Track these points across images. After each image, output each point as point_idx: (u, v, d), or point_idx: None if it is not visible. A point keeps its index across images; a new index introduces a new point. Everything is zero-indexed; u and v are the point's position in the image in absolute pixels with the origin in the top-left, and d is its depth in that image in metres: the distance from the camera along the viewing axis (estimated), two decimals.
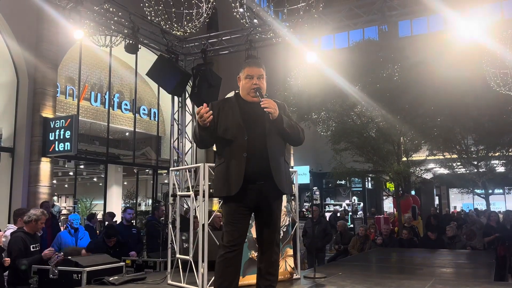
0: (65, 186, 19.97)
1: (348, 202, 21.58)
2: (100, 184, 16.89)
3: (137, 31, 8.16)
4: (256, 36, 8.84)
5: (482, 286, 4.41)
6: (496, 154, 14.02)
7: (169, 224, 4.85)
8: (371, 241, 9.03)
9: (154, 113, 14.08)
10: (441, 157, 14.82)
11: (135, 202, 16.39)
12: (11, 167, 9.25)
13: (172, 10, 7.14)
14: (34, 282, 4.71)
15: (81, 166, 15.80)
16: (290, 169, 3.46)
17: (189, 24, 7.25)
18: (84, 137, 13.52)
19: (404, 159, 12.66)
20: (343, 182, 20.03)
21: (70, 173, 17.20)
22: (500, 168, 14.78)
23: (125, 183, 17.53)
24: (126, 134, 14.43)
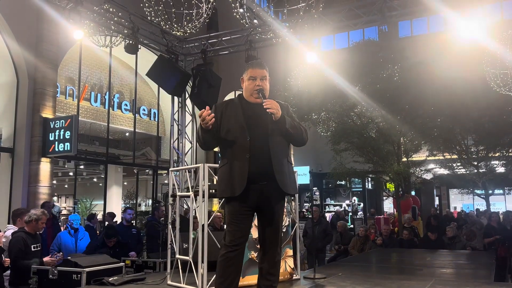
0: (65, 187, 19.95)
1: (348, 202, 21.57)
2: (100, 184, 16.89)
3: (137, 31, 8.16)
4: (256, 36, 8.84)
5: (482, 287, 4.40)
6: (496, 155, 14.03)
7: (168, 225, 4.85)
8: (371, 241, 9.02)
9: (154, 113, 14.08)
10: (441, 157, 14.82)
11: (135, 202, 16.38)
12: (11, 167, 9.24)
13: (172, 10, 7.14)
14: (34, 283, 4.71)
15: (81, 167, 15.81)
16: None
17: (189, 25, 7.25)
18: (84, 138, 13.52)
19: (404, 159, 12.66)
20: (343, 183, 20.03)
21: (70, 174, 17.20)
22: (500, 169, 14.78)
23: (125, 183, 17.53)
24: (126, 134, 14.43)
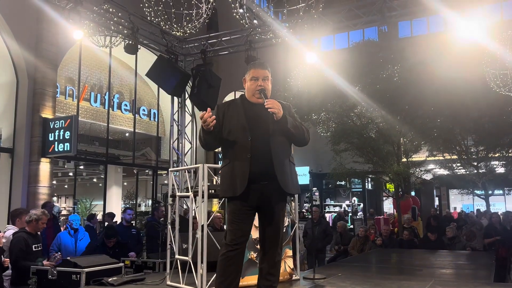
0: (64, 187, 19.94)
1: (348, 203, 21.56)
2: (100, 184, 16.87)
3: (137, 32, 8.15)
4: (256, 36, 8.83)
5: (482, 287, 4.40)
6: (496, 155, 14.04)
7: (168, 225, 4.84)
8: (371, 242, 9.01)
9: (154, 113, 14.07)
10: (441, 158, 14.83)
11: (135, 202, 16.37)
12: (11, 167, 9.23)
13: (171, 10, 7.14)
14: (33, 283, 4.70)
15: (81, 167, 15.80)
16: None
17: (188, 25, 7.24)
18: (84, 138, 13.52)
19: (404, 160, 12.66)
20: (343, 183, 20.04)
21: (70, 174, 17.20)
22: (500, 169, 14.78)
23: (125, 183, 17.53)
24: (126, 134, 14.42)
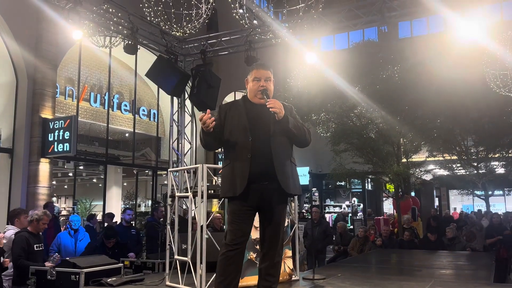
0: (64, 187, 19.93)
1: (348, 203, 21.56)
2: (100, 185, 16.86)
3: (136, 32, 8.14)
4: (256, 37, 8.81)
5: None
6: (496, 156, 14.04)
7: (167, 225, 4.83)
8: (371, 242, 9.00)
9: (153, 114, 14.06)
10: (441, 158, 14.82)
11: (134, 203, 16.36)
12: (10, 167, 9.23)
13: (171, 10, 7.13)
14: (32, 283, 4.69)
15: (81, 167, 15.80)
16: None
17: (188, 25, 7.23)
18: (84, 138, 13.50)
19: (404, 160, 12.65)
20: (343, 184, 20.02)
21: (70, 174, 17.18)
22: (500, 170, 14.79)
23: (125, 184, 17.52)
24: (126, 135, 14.41)
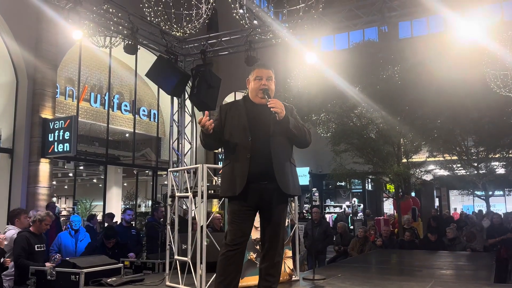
0: (64, 187, 19.93)
1: (348, 203, 21.55)
2: (100, 185, 16.86)
3: (136, 32, 8.14)
4: (256, 37, 8.81)
5: None
6: (496, 156, 14.02)
7: (167, 226, 4.83)
8: (371, 242, 9.00)
9: (154, 114, 14.06)
10: (441, 158, 14.80)
11: (134, 203, 16.36)
12: (10, 168, 9.22)
13: (171, 10, 7.12)
14: (32, 284, 4.69)
15: (81, 167, 15.80)
16: None
17: (188, 25, 7.22)
18: (84, 138, 13.49)
19: (404, 160, 12.64)
20: (343, 184, 20.02)
21: (70, 174, 17.19)
22: (500, 170, 14.77)
23: (125, 184, 17.51)
24: (126, 135, 14.40)
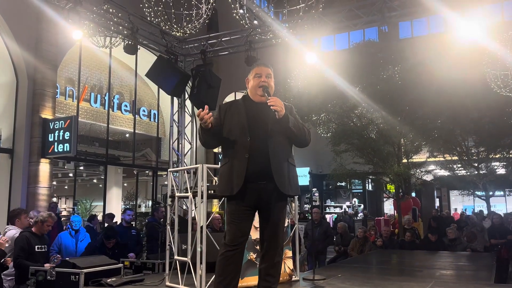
0: (64, 188, 19.93)
1: (348, 204, 21.54)
2: (100, 185, 16.86)
3: (136, 32, 8.14)
4: (256, 37, 8.82)
5: None
6: (496, 156, 14.01)
7: (167, 226, 4.82)
8: (371, 243, 8.99)
9: (154, 114, 14.05)
10: (442, 158, 14.79)
11: (135, 203, 16.35)
12: (10, 168, 9.21)
13: (171, 11, 7.12)
14: (32, 284, 4.69)
15: (81, 168, 15.79)
16: None
17: (188, 25, 7.22)
18: (84, 138, 13.49)
19: (405, 160, 12.63)
20: (343, 184, 20.01)
21: (70, 175, 17.18)
22: (501, 170, 14.76)
23: (125, 184, 17.50)
24: (126, 135, 14.40)
